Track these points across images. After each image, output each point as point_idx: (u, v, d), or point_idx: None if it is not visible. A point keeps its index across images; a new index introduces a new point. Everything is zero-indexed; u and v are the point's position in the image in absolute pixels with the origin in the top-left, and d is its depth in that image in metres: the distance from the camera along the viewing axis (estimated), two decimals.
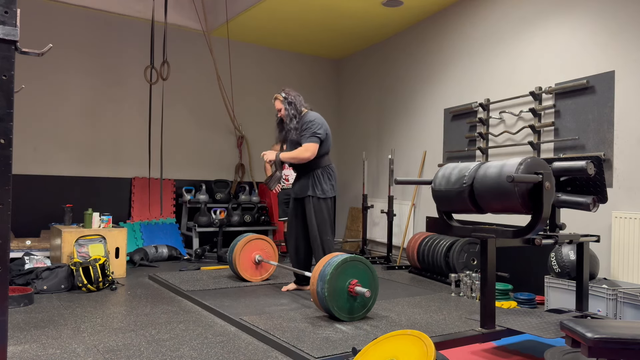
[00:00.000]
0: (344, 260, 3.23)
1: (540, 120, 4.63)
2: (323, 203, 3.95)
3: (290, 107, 4.03)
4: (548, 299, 3.74)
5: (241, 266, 4.44)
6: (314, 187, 3.95)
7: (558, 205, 3.07)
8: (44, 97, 5.82)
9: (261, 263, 4.55)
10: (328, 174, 4.00)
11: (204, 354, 2.67)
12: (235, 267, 4.43)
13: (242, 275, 4.43)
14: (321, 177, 3.97)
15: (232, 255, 4.47)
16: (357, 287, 3.20)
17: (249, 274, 4.48)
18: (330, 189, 3.99)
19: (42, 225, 5.66)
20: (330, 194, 3.98)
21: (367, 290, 3.16)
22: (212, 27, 6.67)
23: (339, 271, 3.20)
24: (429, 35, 6.05)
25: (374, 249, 6.80)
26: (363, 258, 3.34)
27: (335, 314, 3.18)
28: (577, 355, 2.46)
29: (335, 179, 4.06)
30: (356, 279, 3.26)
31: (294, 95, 4.07)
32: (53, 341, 2.83)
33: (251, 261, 4.51)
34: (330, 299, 3.15)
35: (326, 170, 4.00)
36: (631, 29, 3.95)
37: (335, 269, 3.18)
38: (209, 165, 6.89)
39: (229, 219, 6.40)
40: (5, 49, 1.55)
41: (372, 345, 2.11)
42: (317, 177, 3.96)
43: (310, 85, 7.72)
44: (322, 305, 3.20)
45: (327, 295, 3.14)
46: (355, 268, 3.28)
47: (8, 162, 1.55)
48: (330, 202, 3.99)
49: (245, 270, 4.46)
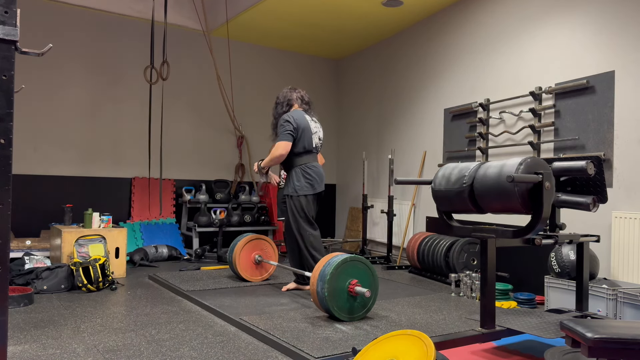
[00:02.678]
0: (344, 260, 3.23)
1: (540, 120, 4.63)
2: (297, 200, 3.99)
3: (275, 108, 4.18)
4: (548, 299, 3.74)
5: (241, 266, 4.44)
6: (288, 186, 4.06)
7: (558, 205, 3.07)
8: (44, 97, 5.82)
9: (261, 263, 4.55)
10: (302, 171, 4.02)
11: (204, 354, 2.67)
12: (235, 267, 4.44)
13: (242, 275, 4.43)
14: (295, 176, 4.03)
15: (232, 255, 4.48)
16: (357, 287, 3.20)
17: (249, 274, 4.48)
18: (305, 186, 3.99)
19: (42, 225, 5.66)
20: (304, 191, 3.98)
21: (367, 290, 3.16)
22: (212, 27, 6.67)
23: (339, 271, 3.20)
24: (429, 35, 6.05)
25: (374, 249, 6.80)
26: (363, 258, 3.34)
27: (335, 314, 3.18)
28: (577, 355, 2.46)
29: (314, 176, 4.03)
30: (356, 279, 3.26)
31: (283, 96, 4.17)
32: (53, 341, 2.83)
33: (251, 261, 4.51)
34: (330, 298, 3.15)
35: (301, 168, 4.03)
36: (631, 29, 3.95)
37: (335, 268, 3.18)
38: (209, 165, 6.89)
39: (229, 219, 6.40)
40: (5, 49, 1.55)
41: (372, 345, 2.11)
42: (293, 175, 4.04)
43: (310, 85, 7.71)
44: (322, 305, 3.20)
45: (327, 295, 3.14)
46: (355, 268, 3.28)
47: (8, 162, 1.55)
48: (306, 199, 3.99)
49: (245, 270, 4.46)
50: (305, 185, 4.00)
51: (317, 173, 4.06)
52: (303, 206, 3.99)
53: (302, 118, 4.05)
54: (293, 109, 4.15)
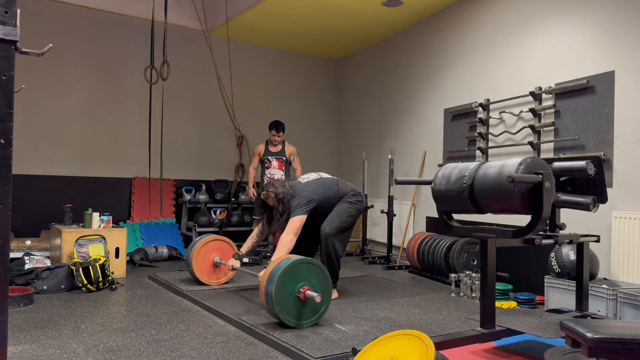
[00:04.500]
0: (294, 263, 3.06)
1: (540, 120, 4.63)
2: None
3: (279, 203, 3.86)
4: (548, 299, 3.74)
5: (198, 269, 4.25)
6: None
7: (558, 205, 3.07)
8: (44, 97, 5.82)
9: (219, 266, 4.33)
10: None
11: (204, 354, 2.67)
12: (192, 270, 4.24)
13: (199, 278, 4.23)
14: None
15: (189, 257, 4.26)
16: (308, 292, 3.01)
17: (206, 277, 4.28)
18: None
19: (42, 225, 5.66)
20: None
21: (317, 294, 2.97)
22: (212, 27, 6.67)
23: (288, 274, 3.01)
24: (429, 35, 6.05)
25: (374, 249, 6.80)
26: (315, 260, 3.16)
27: (283, 318, 2.99)
28: (577, 355, 2.46)
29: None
30: (307, 284, 3.06)
31: (281, 191, 3.88)
32: (53, 341, 2.83)
33: (209, 263, 4.31)
34: (277, 302, 2.96)
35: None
36: (631, 29, 3.95)
37: (284, 271, 3.00)
38: (209, 165, 6.89)
39: (228, 219, 6.40)
40: (5, 49, 1.55)
41: (372, 345, 2.11)
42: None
43: (310, 85, 7.72)
44: (269, 308, 3.03)
45: (275, 298, 2.96)
46: (308, 271, 3.10)
47: (8, 162, 1.55)
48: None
49: (202, 273, 4.26)
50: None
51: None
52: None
53: (311, 188, 3.93)
54: (294, 189, 3.93)
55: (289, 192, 3.87)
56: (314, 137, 7.71)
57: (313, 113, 7.76)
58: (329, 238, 3.83)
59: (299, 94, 7.64)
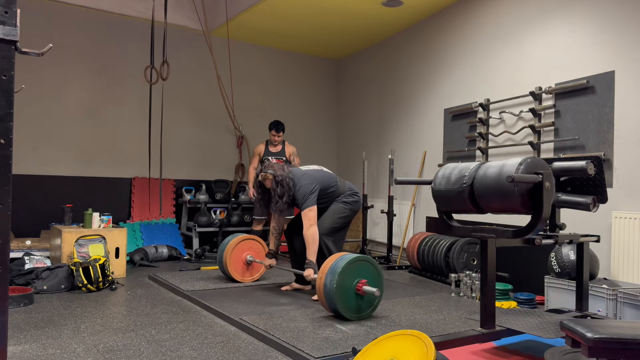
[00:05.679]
0: (354, 259, 3.25)
1: (540, 120, 4.63)
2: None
3: (277, 185, 3.88)
4: (548, 299, 3.74)
5: (232, 266, 4.38)
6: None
7: (558, 205, 3.07)
8: (44, 97, 5.82)
9: (252, 263, 4.50)
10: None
11: (204, 354, 2.67)
12: (225, 268, 4.38)
13: (233, 276, 4.38)
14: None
15: (222, 256, 4.42)
16: (366, 287, 3.21)
17: (239, 274, 4.43)
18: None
19: (42, 225, 5.66)
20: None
21: (376, 289, 3.17)
22: (212, 27, 6.67)
23: (349, 269, 3.21)
24: (429, 35, 6.05)
25: (374, 249, 6.80)
26: (371, 258, 3.36)
27: (342, 312, 3.18)
28: (577, 355, 2.46)
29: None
30: (365, 279, 3.27)
31: (280, 173, 3.91)
32: (53, 341, 2.83)
33: (242, 261, 4.46)
34: (337, 295, 3.16)
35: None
36: (631, 29, 3.95)
37: (347, 265, 3.19)
38: (209, 165, 6.89)
39: (229, 219, 6.40)
40: (5, 49, 1.55)
41: (372, 345, 2.11)
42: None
43: (310, 85, 7.72)
44: (328, 301, 3.21)
45: (335, 291, 3.14)
46: (364, 268, 3.30)
47: (8, 162, 1.55)
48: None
49: (236, 271, 4.41)
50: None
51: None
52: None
53: (312, 176, 4.01)
54: (293, 174, 3.98)
55: (287, 176, 3.91)
56: (314, 137, 7.71)
57: (313, 113, 7.76)
58: (321, 238, 3.90)
59: (299, 94, 7.64)
